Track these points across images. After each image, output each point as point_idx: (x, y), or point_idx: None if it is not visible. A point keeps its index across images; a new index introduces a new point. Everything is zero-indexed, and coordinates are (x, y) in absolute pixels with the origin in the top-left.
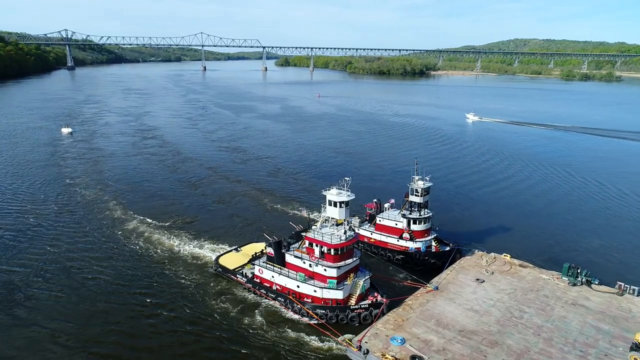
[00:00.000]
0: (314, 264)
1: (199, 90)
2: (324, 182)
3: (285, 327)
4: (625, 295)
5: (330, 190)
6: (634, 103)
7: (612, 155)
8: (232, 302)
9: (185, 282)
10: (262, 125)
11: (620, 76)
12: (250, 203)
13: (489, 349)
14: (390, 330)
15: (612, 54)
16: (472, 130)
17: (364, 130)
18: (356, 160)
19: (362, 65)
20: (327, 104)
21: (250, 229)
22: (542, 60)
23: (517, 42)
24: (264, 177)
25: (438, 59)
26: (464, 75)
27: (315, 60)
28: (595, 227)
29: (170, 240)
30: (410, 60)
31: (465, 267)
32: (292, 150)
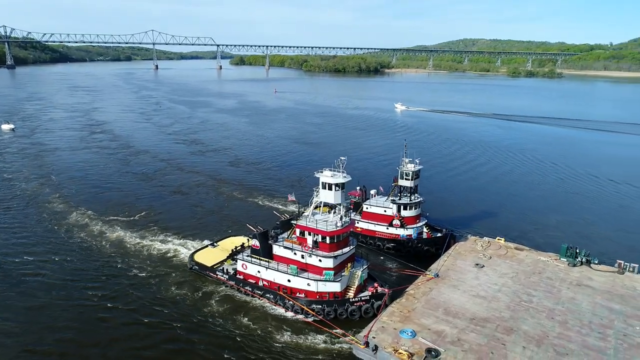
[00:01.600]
0: (307, 254)
1: (152, 87)
2: (288, 171)
3: (278, 326)
4: (626, 273)
5: (324, 172)
6: (575, 96)
7: (558, 141)
8: (213, 302)
9: (154, 281)
10: (220, 119)
11: (561, 73)
12: (214, 194)
13: (505, 337)
14: (397, 323)
15: (553, 52)
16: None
17: (324, 122)
18: (320, 149)
19: (318, 64)
20: (284, 99)
21: (215, 221)
22: (489, 59)
23: (466, 42)
24: (226, 168)
25: (392, 57)
26: (417, 73)
27: (271, 59)
28: (573, 206)
29: (131, 235)
30: (365, 59)
31: (462, 252)
32: (254, 141)
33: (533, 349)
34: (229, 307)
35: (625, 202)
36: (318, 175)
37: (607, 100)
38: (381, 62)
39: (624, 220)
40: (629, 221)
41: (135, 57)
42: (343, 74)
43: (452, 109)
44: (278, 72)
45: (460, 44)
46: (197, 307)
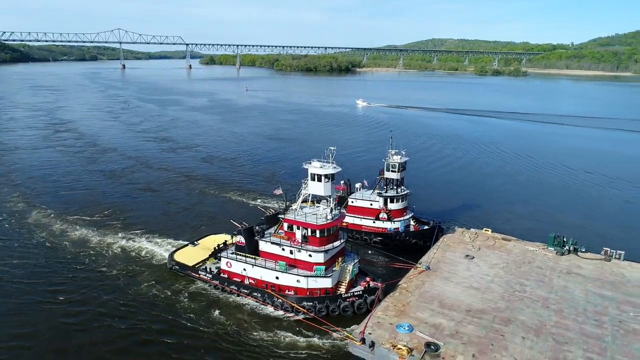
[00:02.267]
0: (295, 250)
1: (119, 86)
2: (264, 167)
3: (268, 325)
4: (613, 260)
5: (312, 163)
6: (540, 93)
7: (525, 134)
8: (196, 302)
9: (130, 282)
10: (191, 117)
11: (526, 71)
12: (187, 191)
13: (504, 327)
14: (393, 318)
15: (518, 52)
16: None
17: (298, 118)
18: (295, 145)
19: (290, 63)
20: (256, 97)
21: (190, 219)
22: (458, 58)
23: (435, 42)
24: (199, 165)
25: (363, 57)
26: (387, 72)
27: (241, 58)
28: (550, 196)
29: (100, 234)
30: (336, 58)
31: (450, 244)
32: (227, 138)
33: (532, 339)
34: (214, 308)
35: (598, 190)
36: (306, 166)
37: (569, 97)
38: (352, 62)
39: (597, 208)
40: (602, 208)
41: (101, 56)
42: (315, 73)
43: (414, 104)
44: (249, 71)
45: (429, 43)
46: (178, 309)
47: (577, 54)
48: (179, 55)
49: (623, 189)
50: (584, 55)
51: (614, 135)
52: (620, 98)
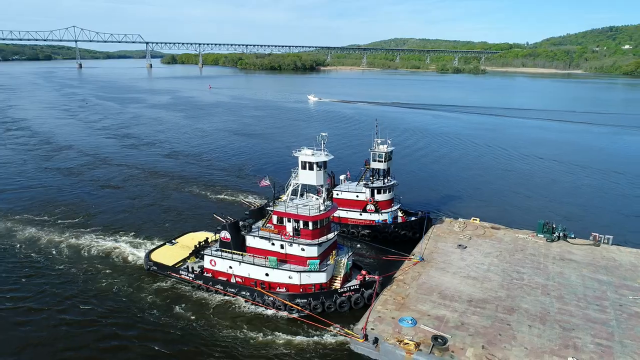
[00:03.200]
0: (287, 244)
1: (76, 85)
2: (231, 162)
3: (259, 326)
4: (602, 245)
5: (303, 150)
6: (498, 89)
7: (489, 127)
8: (179, 305)
9: (107, 286)
10: (154, 114)
11: (484, 69)
12: (156, 189)
13: (508, 316)
14: (394, 312)
15: (477, 50)
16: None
17: (264, 114)
18: (262, 139)
19: (253, 61)
20: (220, 94)
21: (158, 215)
22: (419, 57)
23: (397, 42)
24: (165, 161)
25: (327, 55)
26: (351, 70)
27: (204, 57)
28: (532, 184)
29: (60, 234)
30: (300, 57)
31: (440, 235)
32: (192, 134)
33: (539, 326)
34: (199, 310)
35: (569, 177)
36: (297, 154)
37: (526, 92)
38: (317, 60)
39: (572, 194)
40: (577, 195)
41: (56, 56)
42: (279, 71)
43: (365, 99)
44: (212, 69)
45: (392, 43)
46: (160, 313)
47: (532, 53)
48: (139, 55)
49: (591, 176)
50: (538, 54)
51: (567, 127)
52: (572, 93)
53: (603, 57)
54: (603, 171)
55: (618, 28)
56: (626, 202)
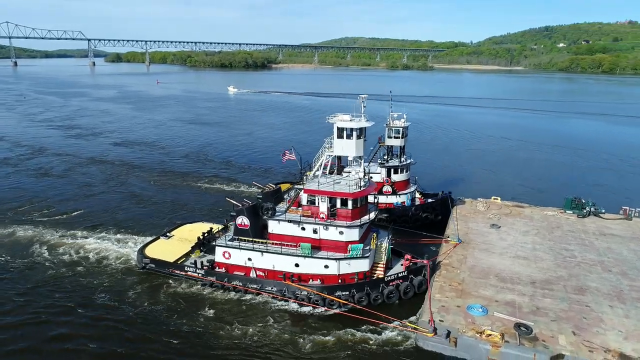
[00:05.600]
0: (321, 227)
1: (12, 81)
2: (190, 149)
3: (298, 325)
4: (634, 219)
5: (340, 116)
6: (447, 82)
7: (442, 114)
8: (195, 310)
9: (95, 291)
10: (100, 107)
11: (432, 66)
12: (103, 177)
13: (582, 297)
14: (456, 299)
15: (425, 49)
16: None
17: (217, 105)
18: (218, 127)
19: (203, 59)
20: (170, 88)
21: (136, 208)
22: (370, 55)
23: (348, 40)
24: (114, 149)
25: (279, 53)
26: (303, 68)
27: (151, 55)
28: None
29: (45, 234)
30: (251, 54)
31: (467, 215)
32: (145, 124)
33: (621, 306)
34: (219, 313)
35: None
36: (331, 120)
37: (473, 85)
38: (268, 58)
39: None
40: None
41: None
42: (230, 68)
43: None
44: (160, 67)
45: (342, 41)
46: (171, 321)
47: (476, 51)
48: (81, 54)
49: (555, 152)
50: (482, 51)
51: (516, 114)
52: (513, 86)
53: (540, 54)
54: (569, 148)
55: (553, 28)
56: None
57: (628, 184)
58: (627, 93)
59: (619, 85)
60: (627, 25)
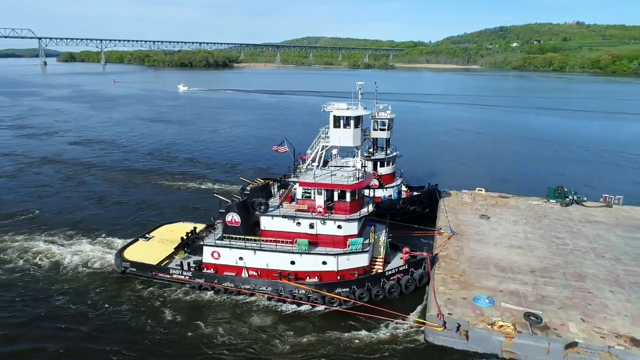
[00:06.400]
0: (318, 222)
1: None
2: (154, 146)
3: (299, 324)
4: (614, 206)
5: (336, 104)
6: (407, 80)
7: (407, 110)
8: (185, 315)
9: (71, 302)
10: (54, 106)
11: (393, 65)
12: (62, 177)
13: (583, 284)
14: (460, 291)
15: (386, 48)
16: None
17: (180, 104)
18: (180, 125)
19: (162, 58)
20: (128, 87)
21: (108, 210)
22: (332, 54)
23: (310, 40)
24: (72, 149)
25: (240, 52)
26: (265, 67)
27: (108, 55)
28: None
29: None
30: (212, 53)
31: (455, 207)
32: (103, 123)
33: (621, 291)
34: (210, 318)
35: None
36: (328, 109)
37: (433, 83)
38: (229, 57)
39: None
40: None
41: None
42: (190, 68)
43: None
44: (117, 67)
45: (304, 41)
46: (160, 330)
47: (435, 50)
48: (31, 54)
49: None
50: (440, 51)
51: (474, 109)
52: (472, 84)
53: (496, 53)
54: (533, 140)
55: (507, 28)
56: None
57: (594, 172)
58: (575, 89)
59: (568, 83)
60: (575, 26)
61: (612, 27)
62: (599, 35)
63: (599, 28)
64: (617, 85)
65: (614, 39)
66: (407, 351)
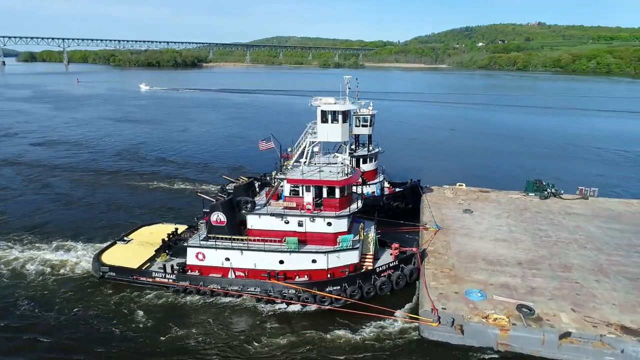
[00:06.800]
0: (307, 219)
1: None
2: (122, 147)
3: (291, 326)
4: (590, 198)
5: (323, 99)
6: (376, 78)
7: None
8: (170, 321)
9: (47, 311)
10: (14, 107)
11: (363, 64)
12: (54, 183)
13: (569, 274)
14: (452, 285)
15: (355, 48)
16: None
17: (147, 103)
18: (148, 125)
19: (128, 58)
20: (92, 87)
21: (79, 212)
22: (302, 54)
23: (280, 39)
24: (35, 150)
25: (209, 52)
26: (235, 66)
27: (71, 55)
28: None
29: None
30: (180, 53)
31: (438, 202)
32: (69, 123)
33: (607, 280)
34: (197, 322)
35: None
36: (315, 104)
37: (402, 81)
38: (198, 57)
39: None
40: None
41: None
42: (158, 67)
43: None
44: (81, 67)
45: (274, 40)
46: (142, 335)
47: (403, 50)
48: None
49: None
50: (409, 50)
51: (444, 106)
52: (440, 82)
53: (462, 53)
54: (502, 136)
55: (473, 28)
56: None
57: (563, 166)
58: (539, 87)
59: (533, 81)
60: (536, 26)
61: (572, 28)
62: (560, 36)
63: (559, 29)
64: (577, 83)
65: (574, 39)
66: (402, 348)
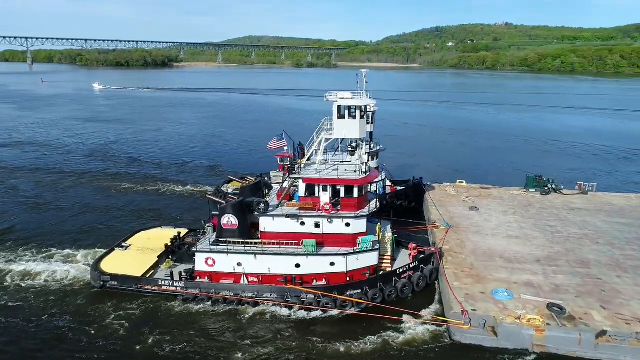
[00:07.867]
0: (324, 220)
1: None
2: (93, 147)
3: (311, 334)
4: (589, 193)
5: (340, 94)
6: (350, 77)
7: None
8: (185, 332)
9: (47, 325)
10: None
11: (336, 64)
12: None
13: (590, 271)
14: (475, 285)
15: (328, 47)
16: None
17: (116, 103)
18: (120, 124)
19: (96, 57)
20: (58, 87)
21: (69, 218)
22: (275, 53)
23: (252, 39)
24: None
25: (180, 52)
26: (207, 66)
27: (35, 54)
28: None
29: None
30: (150, 52)
31: (442, 200)
32: (33, 124)
33: (627, 275)
34: (212, 333)
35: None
36: (330, 99)
37: (375, 81)
38: (169, 56)
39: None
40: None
41: None
42: (127, 67)
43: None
44: (46, 66)
45: (246, 40)
46: (157, 348)
47: (376, 49)
48: None
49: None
50: (381, 50)
51: (418, 104)
52: (412, 81)
53: (433, 52)
54: (480, 133)
55: (443, 28)
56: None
57: (551, 162)
58: (507, 85)
59: (502, 79)
60: (504, 26)
61: (538, 28)
62: (526, 36)
63: (525, 29)
64: (543, 82)
65: (539, 39)
66: (433, 352)
